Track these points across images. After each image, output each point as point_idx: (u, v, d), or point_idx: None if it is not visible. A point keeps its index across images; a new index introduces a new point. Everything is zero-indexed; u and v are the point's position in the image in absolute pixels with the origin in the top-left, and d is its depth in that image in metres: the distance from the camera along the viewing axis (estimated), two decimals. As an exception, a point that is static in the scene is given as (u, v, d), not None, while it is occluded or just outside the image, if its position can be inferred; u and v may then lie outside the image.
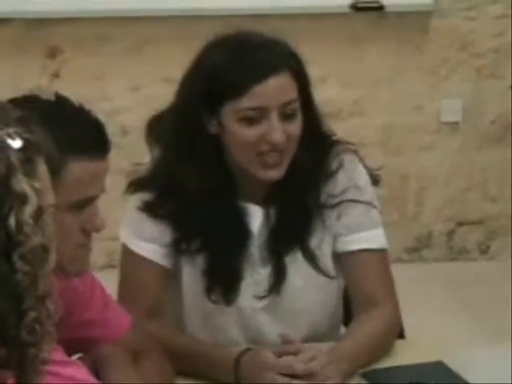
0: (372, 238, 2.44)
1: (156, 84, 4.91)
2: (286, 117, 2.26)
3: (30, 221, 1.34)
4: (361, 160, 2.45)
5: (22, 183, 1.34)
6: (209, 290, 2.39)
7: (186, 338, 2.45)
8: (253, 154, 2.28)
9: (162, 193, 2.38)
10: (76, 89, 3.32)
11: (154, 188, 2.38)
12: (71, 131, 1.86)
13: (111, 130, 2.01)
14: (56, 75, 4.98)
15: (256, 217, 2.41)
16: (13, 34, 5.01)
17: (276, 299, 2.43)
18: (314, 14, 4.95)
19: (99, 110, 2.04)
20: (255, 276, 2.42)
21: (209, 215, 2.37)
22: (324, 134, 2.43)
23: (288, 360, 2.19)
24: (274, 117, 2.23)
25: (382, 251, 2.47)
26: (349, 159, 2.41)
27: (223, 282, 2.40)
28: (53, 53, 5.08)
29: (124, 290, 2.44)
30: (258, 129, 2.24)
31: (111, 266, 4.32)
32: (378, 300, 2.44)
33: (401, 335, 2.62)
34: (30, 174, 1.36)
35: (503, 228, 5.53)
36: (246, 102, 2.23)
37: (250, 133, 2.25)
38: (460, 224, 5.63)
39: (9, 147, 1.35)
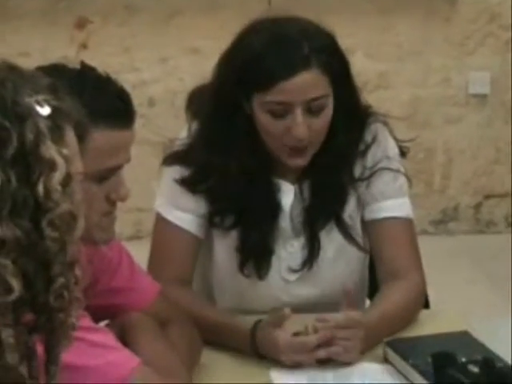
0: (398, 206, 2.46)
1: (184, 55, 4.96)
2: (312, 112, 2.30)
3: (59, 187, 1.35)
4: (391, 132, 2.49)
5: (50, 150, 1.35)
6: (242, 265, 2.44)
7: (210, 307, 2.48)
8: (279, 143, 2.34)
9: (200, 168, 2.43)
10: (104, 60, 3.36)
11: (192, 163, 2.43)
12: (95, 100, 1.87)
13: (138, 101, 2.05)
14: (84, 46, 5.01)
15: (288, 193, 2.46)
16: (41, 5, 5.03)
17: (308, 272, 2.47)
18: None
19: (126, 81, 2.09)
20: (289, 249, 2.46)
21: (243, 191, 2.42)
22: (360, 113, 2.46)
23: (301, 339, 2.20)
24: (299, 112, 2.27)
25: (407, 220, 2.49)
26: (381, 131, 2.45)
27: (256, 256, 2.45)
28: (81, 23, 5.11)
29: (155, 257, 2.49)
30: (282, 122, 2.30)
31: (138, 237, 4.36)
32: (403, 270, 2.46)
33: (426, 306, 2.62)
34: (59, 141, 1.37)
35: (531, 201, 5.71)
36: (273, 97, 2.27)
37: (275, 125, 2.31)
38: (487, 197, 5.66)
39: (38, 114, 1.36)
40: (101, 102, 1.91)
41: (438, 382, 2.13)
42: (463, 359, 2.13)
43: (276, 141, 2.36)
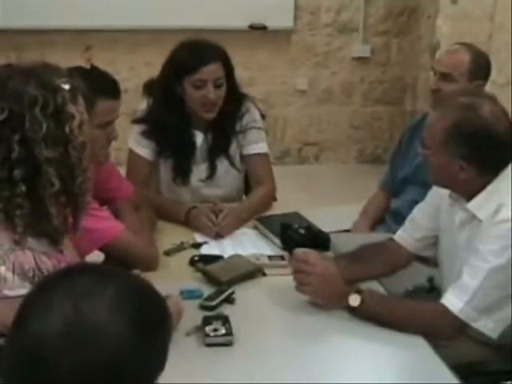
0: (261, 147, 2.96)
1: (142, 67, 5.32)
2: (217, 86, 2.77)
3: (76, 128, 1.60)
4: (256, 105, 2.98)
5: (71, 108, 1.60)
6: (174, 178, 2.89)
7: (162, 198, 2.89)
8: (199, 105, 2.79)
9: (151, 125, 2.86)
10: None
11: (148, 122, 2.87)
12: (100, 83, 2.19)
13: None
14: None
15: (200, 138, 2.90)
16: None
17: (211, 181, 2.92)
18: (227, 30, 5.15)
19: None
20: (200, 168, 2.91)
21: (175, 137, 2.85)
22: (239, 94, 2.92)
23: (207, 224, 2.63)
24: (210, 85, 2.75)
25: (266, 154, 2.99)
26: (250, 105, 2.94)
27: (182, 173, 2.89)
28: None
29: (129, 171, 2.86)
30: (202, 91, 2.76)
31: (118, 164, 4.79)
32: (264, 180, 2.95)
33: (275, 199, 3.03)
34: (75, 103, 1.61)
35: None
36: (197, 76, 2.74)
37: (198, 93, 2.77)
38: (305, 144, 6.17)
39: (63, 89, 1.60)
40: (103, 84, 2.22)
41: (283, 238, 2.55)
42: (296, 226, 2.53)
43: (197, 103, 2.77)
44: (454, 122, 2.07)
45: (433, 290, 2.62)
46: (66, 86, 1.59)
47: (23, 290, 1.46)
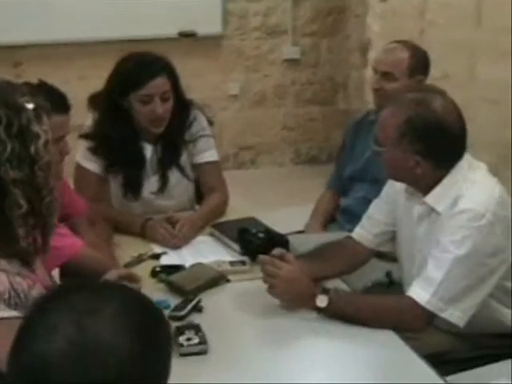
0: (212, 154, 2.95)
1: (76, 80, 5.26)
2: (164, 100, 2.73)
3: (42, 148, 1.59)
4: (203, 112, 2.96)
5: (36, 128, 1.59)
6: (125, 194, 2.86)
7: (115, 211, 2.86)
8: (147, 120, 2.75)
9: (99, 141, 2.81)
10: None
11: (95, 138, 2.82)
12: (50, 98, 1.94)
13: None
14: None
15: (149, 150, 2.86)
16: None
17: (162, 193, 2.90)
18: (157, 39, 5.25)
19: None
20: (151, 182, 2.87)
21: (123, 151, 2.80)
22: (186, 103, 2.89)
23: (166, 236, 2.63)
24: (158, 100, 2.71)
25: (217, 162, 2.98)
26: (198, 112, 2.91)
27: (132, 188, 2.85)
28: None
29: (79, 187, 2.79)
30: (149, 106, 2.71)
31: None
32: (216, 187, 2.94)
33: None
34: (40, 122, 1.60)
35: None
36: (142, 92, 2.70)
37: (145, 109, 2.72)
38: (241, 148, 6.17)
39: (27, 108, 1.59)
40: (52, 99, 1.98)
41: (242, 243, 2.55)
42: (254, 230, 2.54)
43: (145, 118, 2.73)
44: (407, 118, 2.12)
45: (391, 285, 2.69)
46: (30, 105, 1.58)
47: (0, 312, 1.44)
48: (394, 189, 2.42)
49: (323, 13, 6.00)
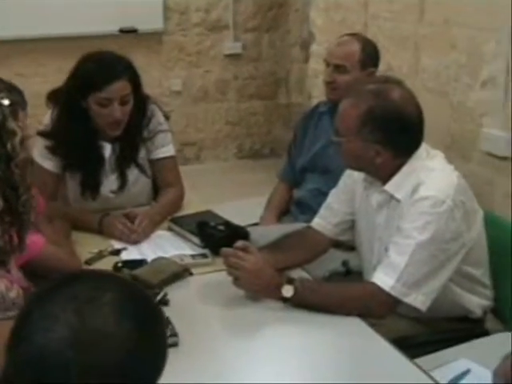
0: (168, 150, 2.94)
1: (14, 78, 5.12)
2: (123, 103, 2.69)
3: (18, 144, 1.58)
4: (159, 106, 2.94)
5: (12, 124, 1.58)
6: (83, 193, 2.83)
7: (71, 209, 2.84)
8: (105, 122, 2.71)
9: (57, 140, 2.77)
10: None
11: (53, 136, 2.77)
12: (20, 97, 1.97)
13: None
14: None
15: (108, 149, 2.83)
16: None
17: (121, 191, 2.88)
18: (98, 36, 5.20)
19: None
20: (109, 180, 2.85)
21: (82, 150, 2.77)
22: (145, 100, 2.86)
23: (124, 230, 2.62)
24: (116, 104, 2.66)
25: (173, 157, 2.96)
26: (154, 108, 2.90)
27: (90, 187, 2.83)
28: None
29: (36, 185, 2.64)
30: (107, 110, 2.67)
31: None
32: (172, 183, 2.94)
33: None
34: (16, 119, 1.59)
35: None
36: (102, 95, 2.64)
37: (103, 111, 2.68)
38: (184, 144, 6.11)
39: (3, 104, 1.59)
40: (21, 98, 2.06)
41: (202, 236, 2.56)
42: (213, 223, 2.55)
43: (103, 120, 2.70)
44: (367, 109, 2.16)
45: (348, 274, 2.74)
46: (6, 102, 1.57)
47: None
48: (351, 178, 2.46)
49: (264, 8, 6.03)
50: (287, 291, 2.15)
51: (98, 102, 2.66)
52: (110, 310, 1.04)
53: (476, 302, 2.35)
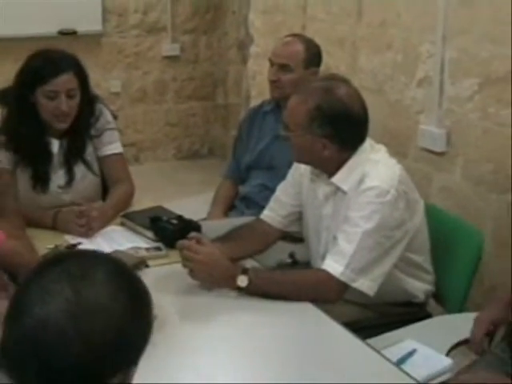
0: (116, 147, 3.01)
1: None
2: (70, 96, 2.75)
3: None
4: (106, 106, 3.01)
5: None
6: (34, 186, 2.87)
7: (25, 207, 2.80)
8: (51, 115, 2.77)
9: (8, 136, 2.81)
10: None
11: (4, 131, 2.81)
12: None
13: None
14: None
15: (55, 145, 2.87)
16: None
17: (70, 186, 2.92)
18: (36, 37, 5.14)
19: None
20: (58, 175, 2.90)
21: (31, 145, 2.82)
22: (92, 98, 2.93)
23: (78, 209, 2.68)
24: (63, 96, 2.72)
25: (121, 154, 3.04)
26: (102, 107, 2.96)
27: (40, 180, 2.87)
28: None
29: None
30: (54, 103, 2.73)
31: None
32: (122, 179, 2.99)
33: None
34: None
35: None
36: (48, 88, 2.71)
37: (50, 104, 2.74)
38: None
39: None
40: None
41: (155, 230, 2.62)
42: (165, 217, 2.62)
43: (49, 114, 2.75)
44: (315, 105, 2.27)
45: (295, 265, 2.84)
46: None
47: None
48: (298, 172, 2.57)
49: (201, 10, 6.12)
50: (242, 281, 2.23)
51: (45, 95, 2.73)
52: (103, 284, 1.12)
53: (419, 286, 2.48)
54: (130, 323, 1.12)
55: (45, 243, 2.59)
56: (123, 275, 1.17)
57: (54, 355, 1.07)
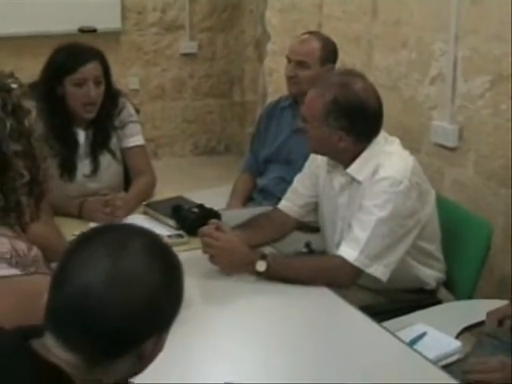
0: (138, 139, 3.12)
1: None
2: (97, 83, 2.88)
3: (34, 120, 1.70)
4: (130, 100, 3.13)
5: (26, 104, 1.69)
6: (61, 174, 2.96)
7: (52, 195, 2.49)
8: (80, 104, 2.89)
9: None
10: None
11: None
12: None
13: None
14: None
15: (82, 135, 2.99)
16: None
17: (95, 175, 3.03)
18: (57, 35, 5.03)
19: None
20: (84, 164, 3.01)
21: (59, 136, 2.91)
22: (115, 91, 3.04)
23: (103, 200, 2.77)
24: (91, 84, 2.86)
25: (143, 146, 3.14)
26: (125, 101, 3.08)
27: (68, 169, 2.98)
28: None
29: None
30: (83, 90, 2.86)
31: None
32: (144, 171, 3.09)
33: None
34: (27, 99, 1.71)
35: None
36: (77, 76, 2.84)
37: (79, 92, 2.87)
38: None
39: (14, 87, 1.68)
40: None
41: (177, 219, 2.71)
42: (187, 206, 2.72)
43: (78, 103, 2.87)
44: (333, 98, 2.37)
45: (311, 254, 2.92)
46: (15, 85, 1.69)
47: (1, 271, 1.56)
48: (315, 164, 2.66)
49: (219, 8, 6.22)
50: (260, 266, 2.33)
51: (74, 83, 2.85)
52: (140, 254, 1.19)
53: (430, 274, 2.57)
54: (163, 292, 1.19)
55: (70, 230, 2.66)
56: (158, 247, 1.25)
57: (94, 320, 1.15)
